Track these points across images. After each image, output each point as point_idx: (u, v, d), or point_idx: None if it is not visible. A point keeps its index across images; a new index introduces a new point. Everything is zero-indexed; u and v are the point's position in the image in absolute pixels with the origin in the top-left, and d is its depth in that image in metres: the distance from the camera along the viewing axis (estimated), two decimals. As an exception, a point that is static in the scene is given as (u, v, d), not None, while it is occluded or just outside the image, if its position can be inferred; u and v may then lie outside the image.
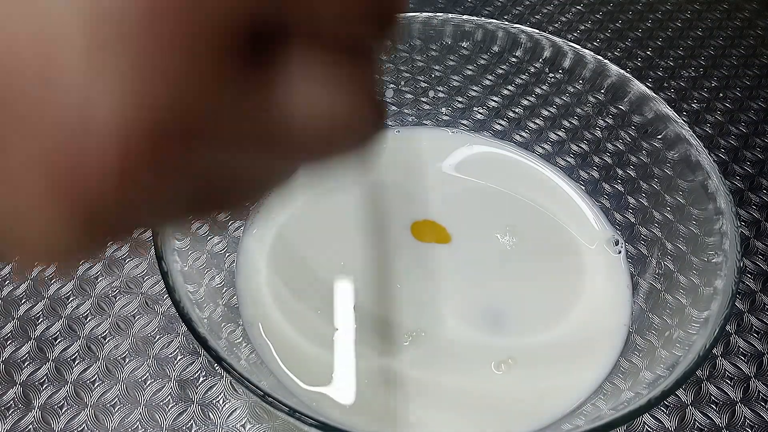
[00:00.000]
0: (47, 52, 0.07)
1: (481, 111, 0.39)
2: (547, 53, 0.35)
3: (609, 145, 0.35)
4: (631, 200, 0.34)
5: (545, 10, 0.51)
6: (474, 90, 0.39)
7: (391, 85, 0.39)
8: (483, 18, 0.36)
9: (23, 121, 0.07)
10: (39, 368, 0.31)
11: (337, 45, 0.10)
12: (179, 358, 0.31)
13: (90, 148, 0.07)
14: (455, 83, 0.39)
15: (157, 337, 0.32)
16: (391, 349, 0.29)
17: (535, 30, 0.35)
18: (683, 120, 0.30)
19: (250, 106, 0.09)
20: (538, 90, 0.37)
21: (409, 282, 0.31)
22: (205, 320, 0.24)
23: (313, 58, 0.10)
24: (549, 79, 0.36)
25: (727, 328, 0.32)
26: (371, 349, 0.29)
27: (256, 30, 0.08)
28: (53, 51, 0.07)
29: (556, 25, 0.49)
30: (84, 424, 0.29)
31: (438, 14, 0.36)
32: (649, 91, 0.32)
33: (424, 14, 0.36)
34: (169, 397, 0.30)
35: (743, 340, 0.32)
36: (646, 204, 0.33)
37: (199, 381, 0.30)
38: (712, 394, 0.30)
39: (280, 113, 0.09)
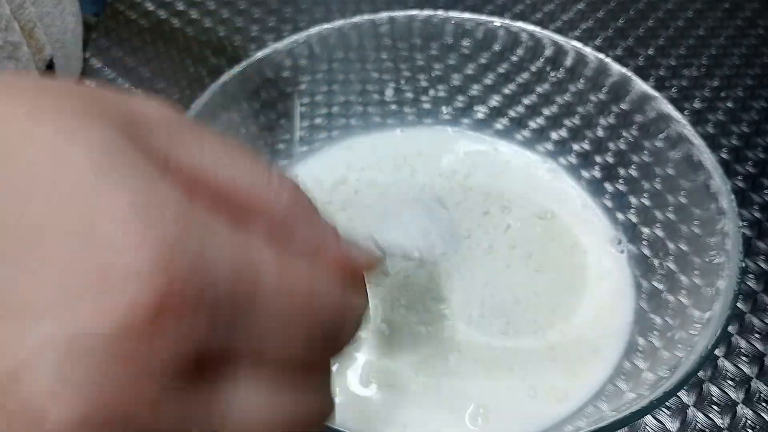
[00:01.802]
0: (19, 374, 0.09)
1: (482, 110, 0.39)
2: (548, 52, 0.35)
3: (611, 145, 0.35)
4: (633, 200, 0.33)
5: (546, 9, 0.51)
6: (475, 89, 0.39)
7: (392, 84, 0.39)
8: (484, 16, 0.36)
9: None
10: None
11: (283, 364, 0.12)
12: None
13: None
14: (456, 82, 0.39)
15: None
16: (391, 352, 0.28)
17: (536, 28, 0.35)
18: (685, 119, 0.30)
19: (191, 410, 0.11)
20: (539, 89, 0.37)
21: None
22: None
23: (259, 373, 0.12)
24: (550, 78, 0.36)
25: (729, 328, 0.32)
26: (371, 351, 0.28)
27: (203, 355, 0.11)
28: (25, 375, 0.09)
29: (557, 24, 0.49)
30: (82, 425, 0.28)
31: (438, 12, 0.36)
32: (651, 90, 0.32)
33: (425, 12, 0.36)
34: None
35: (745, 340, 0.32)
36: (648, 204, 0.33)
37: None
38: (713, 395, 0.30)
39: (223, 416, 0.11)
